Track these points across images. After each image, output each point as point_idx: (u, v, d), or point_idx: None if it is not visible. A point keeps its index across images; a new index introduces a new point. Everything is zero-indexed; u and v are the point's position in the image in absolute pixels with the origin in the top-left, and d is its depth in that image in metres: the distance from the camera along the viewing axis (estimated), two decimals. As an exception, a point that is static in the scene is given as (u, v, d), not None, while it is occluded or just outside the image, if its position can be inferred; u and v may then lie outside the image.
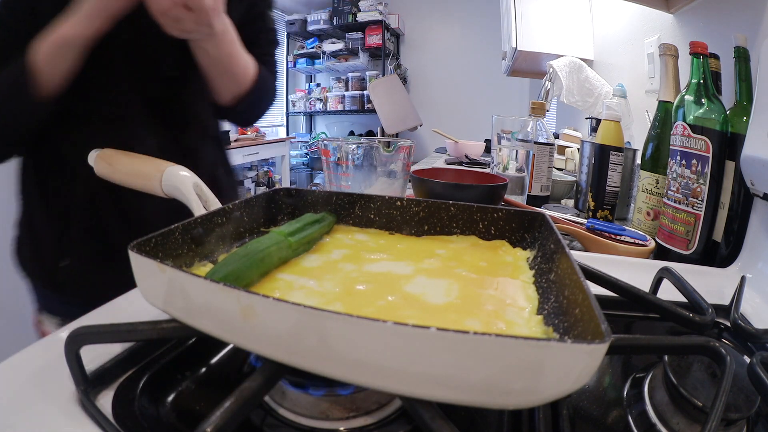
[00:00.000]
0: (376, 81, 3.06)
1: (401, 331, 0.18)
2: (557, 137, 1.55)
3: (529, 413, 0.27)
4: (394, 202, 0.43)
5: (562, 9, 1.63)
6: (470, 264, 0.36)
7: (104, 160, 0.46)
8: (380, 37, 3.67)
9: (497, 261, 0.37)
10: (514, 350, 0.18)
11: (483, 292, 0.31)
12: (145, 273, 0.25)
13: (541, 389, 0.18)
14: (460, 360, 0.18)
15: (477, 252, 0.38)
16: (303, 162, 4.13)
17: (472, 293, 0.30)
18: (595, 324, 0.20)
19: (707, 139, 0.56)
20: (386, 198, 0.43)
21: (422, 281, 0.32)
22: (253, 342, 0.22)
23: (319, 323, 0.20)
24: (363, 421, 0.26)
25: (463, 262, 0.36)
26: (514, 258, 0.37)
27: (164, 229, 0.30)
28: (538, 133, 0.90)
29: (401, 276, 0.33)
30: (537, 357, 0.18)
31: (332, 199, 0.45)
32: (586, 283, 0.24)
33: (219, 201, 0.41)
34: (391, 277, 0.32)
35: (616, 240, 0.63)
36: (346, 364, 0.20)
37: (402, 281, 0.32)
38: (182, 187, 0.40)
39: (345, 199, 0.44)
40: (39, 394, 0.26)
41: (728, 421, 0.25)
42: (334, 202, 0.45)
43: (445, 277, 0.33)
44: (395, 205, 0.43)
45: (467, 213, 0.41)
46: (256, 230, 0.41)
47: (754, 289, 0.47)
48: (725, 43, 0.59)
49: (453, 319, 0.27)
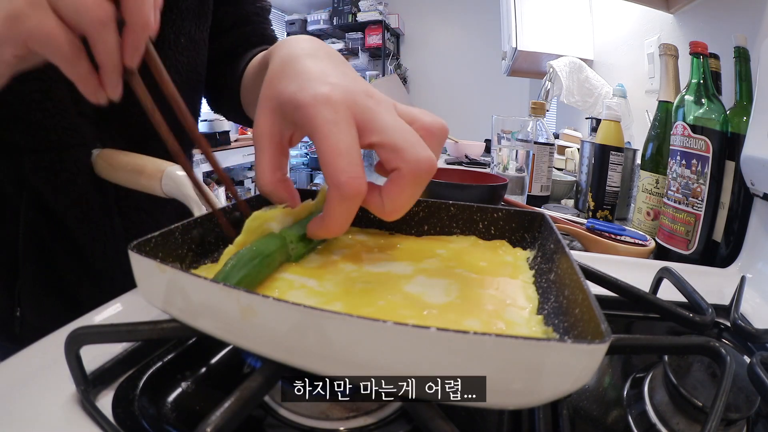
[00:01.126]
0: (376, 81, 3.06)
1: (401, 331, 0.18)
2: (557, 137, 1.55)
3: (529, 413, 0.27)
4: None
5: (562, 9, 1.63)
6: (470, 264, 0.36)
7: (104, 160, 0.46)
8: (380, 37, 3.67)
9: (497, 261, 0.37)
10: (514, 350, 0.18)
11: (483, 291, 0.31)
12: (145, 273, 0.25)
13: (541, 389, 0.18)
14: (460, 360, 0.18)
15: (477, 252, 0.38)
16: (303, 162, 4.13)
17: (473, 293, 0.30)
18: (595, 324, 0.20)
19: (707, 139, 0.56)
20: None
21: (422, 281, 0.32)
22: (252, 342, 0.22)
23: (319, 323, 0.20)
24: (363, 421, 0.26)
25: (463, 262, 0.36)
26: (514, 258, 0.37)
27: (164, 229, 0.30)
28: (538, 133, 0.90)
29: (401, 276, 0.33)
30: (537, 357, 0.18)
31: None
32: (586, 283, 0.24)
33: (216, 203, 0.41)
34: (391, 276, 0.32)
35: (616, 240, 0.63)
36: (346, 365, 0.20)
37: (402, 281, 0.32)
38: (182, 186, 0.40)
39: None
40: (39, 394, 0.26)
41: (728, 421, 0.25)
42: None
43: (445, 276, 0.33)
44: None
45: (467, 213, 0.41)
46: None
47: (754, 289, 0.47)
48: (725, 43, 0.59)
49: (452, 318, 0.27)
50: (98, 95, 0.29)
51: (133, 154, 0.45)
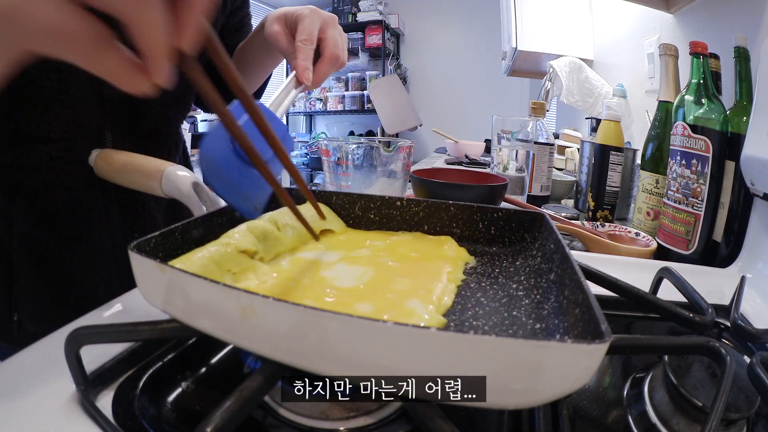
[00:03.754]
0: (376, 81, 3.05)
1: (400, 331, 0.18)
2: (557, 137, 1.55)
3: (529, 413, 0.27)
4: (394, 202, 0.43)
5: (562, 9, 1.63)
6: (400, 254, 0.37)
7: (104, 160, 0.46)
8: (380, 37, 3.67)
9: (433, 254, 0.37)
10: (514, 350, 0.18)
11: (396, 280, 0.32)
12: (145, 273, 0.25)
13: (541, 389, 0.18)
14: (460, 360, 0.18)
15: (414, 244, 0.39)
16: (303, 162, 4.12)
17: (383, 280, 0.32)
18: (595, 324, 0.20)
19: (707, 139, 0.56)
20: (386, 198, 0.43)
21: (341, 267, 0.34)
22: (253, 342, 0.22)
23: (318, 323, 0.20)
24: (363, 421, 0.26)
25: (393, 253, 0.37)
26: (455, 256, 0.38)
27: (164, 229, 0.30)
28: (538, 133, 0.90)
29: (326, 263, 0.35)
30: (537, 357, 0.18)
31: (332, 200, 0.45)
32: (586, 283, 0.24)
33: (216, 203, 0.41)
34: (317, 263, 0.35)
35: (620, 241, 0.63)
36: (345, 364, 0.20)
37: (322, 267, 0.34)
38: (181, 186, 0.40)
39: (345, 200, 0.45)
40: (39, 394, 0.26)
41: (728, 421, 0.25)
42: (334, 203, 0.45)
43: (365, 265, 0.34)
44: (395, 205, 0.43)
45: (467, 213, 0.41)
46: None
47: (754, 289, 0.47)
48: (725, 43, 0.59)
49: (346, 302, 0.29)
50: (139, 85, 0.22)
51: (132, 154, 0.45)
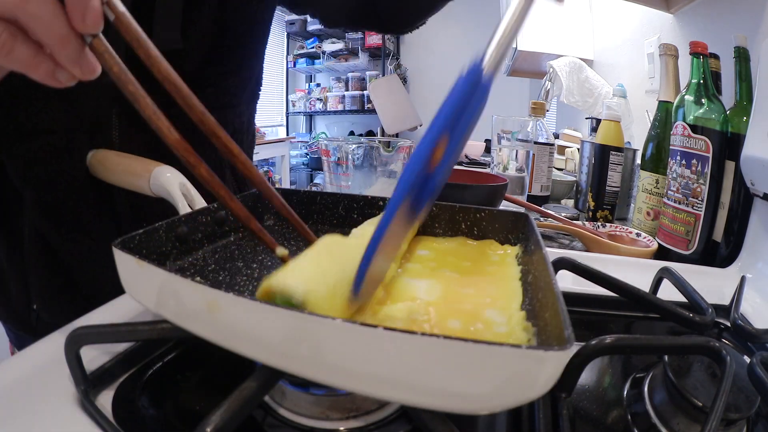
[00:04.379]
0: (376, 81, 3.05)
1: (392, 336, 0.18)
2: (557, 137, 1.55)
3: (529, 413, 0.27)
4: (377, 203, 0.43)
5: (562, 9, 1.63)
6: (454, 264, 0.36)
7: (98, 161, 0.46)
8: (380, 37, 3.66)
9: (484, 261, 0.37)
10: (466, 354, 0.17)
11: (464, 291, 0.31)
12: (126, 268, 0.25)
13: (497, 395, 0.18)
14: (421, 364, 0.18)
15: (463, 252, 0.39)
16: (303, 162, 4.12)
17: (454, 293, 0.30)
18: (560, 329, 0.19)
19: (707, 139, 0.56)
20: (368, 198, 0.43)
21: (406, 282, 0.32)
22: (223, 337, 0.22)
23: (309, 328, 0.19)
24: (363, 421, 0.26)
25: (447, 263, 0.36)
26: (502, 256, 0.37)
27: (149, 227, 0.30)
28: (538, 133, 0.90)
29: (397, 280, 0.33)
30: (492, 362, 0.17)
31: (316, 199, 0.45)
32: (557, 286, 0.23)
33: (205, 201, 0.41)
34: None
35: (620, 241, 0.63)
36: (334, 370, 0.19)
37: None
38: (168, 186, 0.41)
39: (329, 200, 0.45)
40: (39, 394, 0.26)
41: (728, 421, 0.25)
42: (318, 202, 0.45)
43: (428, 277, 0.33)
44: (378, 206, 0.43)
45: (449, 213, 0.41)
46: (241, 228, 0.41)
47: (754, 289, 0.47)
48: (725, 43, 0.59)
49: (437, 321, 0.27)
50: (58, 77, 0.23)
51: (124, 155, 0.46)
